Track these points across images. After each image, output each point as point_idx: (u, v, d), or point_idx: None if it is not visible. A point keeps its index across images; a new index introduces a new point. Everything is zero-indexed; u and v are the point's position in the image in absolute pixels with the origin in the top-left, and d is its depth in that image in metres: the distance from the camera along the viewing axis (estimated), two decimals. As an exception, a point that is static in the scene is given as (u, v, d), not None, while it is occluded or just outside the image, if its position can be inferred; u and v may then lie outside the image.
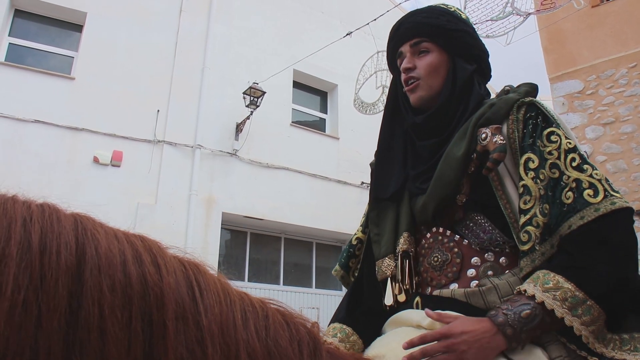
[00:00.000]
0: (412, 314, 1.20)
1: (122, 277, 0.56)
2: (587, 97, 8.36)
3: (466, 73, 1.34)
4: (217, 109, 8.70)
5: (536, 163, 1.17)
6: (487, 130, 1.20)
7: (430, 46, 1.36)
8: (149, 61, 8.28)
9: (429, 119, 1.34)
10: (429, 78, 1.34)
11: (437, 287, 1.26)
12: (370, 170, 1.56)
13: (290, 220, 8.83)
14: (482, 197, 1.24)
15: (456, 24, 1.37)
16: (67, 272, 0.53)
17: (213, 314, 0.62)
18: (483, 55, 1.40)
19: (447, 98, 1.32)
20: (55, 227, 0.56)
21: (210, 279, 0.67)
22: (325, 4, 10.87)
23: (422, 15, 1.39)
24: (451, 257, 1.25)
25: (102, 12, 8.17)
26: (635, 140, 7.84)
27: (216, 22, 9.18)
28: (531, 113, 1.23)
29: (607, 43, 8.41)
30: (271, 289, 8.61)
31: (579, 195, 1.10)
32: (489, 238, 1.22)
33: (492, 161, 1.17)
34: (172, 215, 7.74)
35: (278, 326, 0.71)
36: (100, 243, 0.58)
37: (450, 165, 1.25)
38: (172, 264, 0.64)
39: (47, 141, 7.12)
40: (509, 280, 1.17)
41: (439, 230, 1.30)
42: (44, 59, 7.95)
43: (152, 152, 7.94)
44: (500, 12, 5.42)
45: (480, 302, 1.16)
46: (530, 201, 1.13)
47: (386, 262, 1.36)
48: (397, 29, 1.42)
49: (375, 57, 7.63)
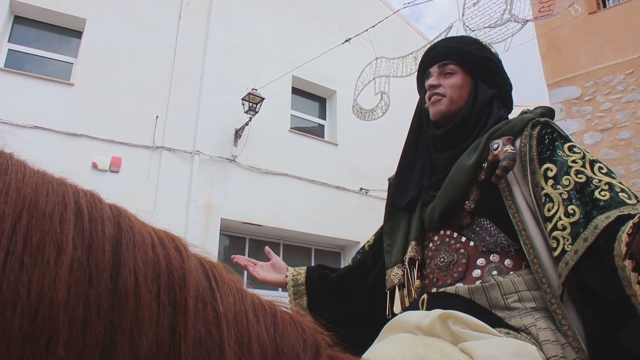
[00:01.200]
0: (409, 316, 1.20)
1: (152, 254, 0.62)
2: (585, 103, 8.40)
3: (486, 95, 1.44)
4: (216, 114, 8.71)
5: (554, 171, 1.20)
6: (499, 141, 1.27)
7: (456, 69, 1.47)
8: (147, 67, 8.30)
9: (448, 132, 1.44)
10: (452, 95, 1.45)
11: (443, 286, 1.30)
12: (388, 185, 1.65)
13: (289, 226, 8.82)
14: (490, 204, 1.29)
15: (482, 52, 1.49)
16: (110, 241, 0.59)
17: (228, 303, 0.66)
18: (505, 85, 1.50)
19: (466, 115, 1.42)
20: (98, 204, 0.64)
21: (225, 274, 0.72)
22: (324, 11, 10.92)
23: (454, 42, 1.55)
24: (457, 258, 1.30)
25: (101, 18, 8.19)
26: (633, 147, 7.87)
27: (215, 28, 9.21)
28: (547, 130, 1.29)
29: (605, 50, 8.45)
30: (270, 295, 8.50)
31: (615, 194, 1.10)
32: (494, 241, 1.26)
33: (501, 169, 1.21)
34: (170, 221, 7.71)
35: (287, 324, 0.74)
36: (133, 224, 0.65)
37: (460, 171, 1.32)
38: (191, 254, 0.69)
39: (46, 147, 7.12)
40: (513, 279, 1.20)
41: (446, 233, 1.35)
42: (43, 65, 7.96)
43: (151, 157, 7.94)
44: (498, 19, 5.45)
45: (483, 298, 1.19)
46: (554, 207, 1.16)
47: (394, 270, 1.44)
48: (430, 52, 1.56)
49: (373, 64, 7.65)
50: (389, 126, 9.11)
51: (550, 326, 1.12)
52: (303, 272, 1.70)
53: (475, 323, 1.03)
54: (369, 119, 7.74)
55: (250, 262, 1.75)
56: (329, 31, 10.38)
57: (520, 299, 1.18)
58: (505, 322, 1.15)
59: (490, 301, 1.18)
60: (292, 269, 1.72)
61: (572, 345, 1.09)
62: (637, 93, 8.03)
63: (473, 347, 0.96)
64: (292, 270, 1.72)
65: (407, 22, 12.11)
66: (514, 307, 1.17)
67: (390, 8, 10.84)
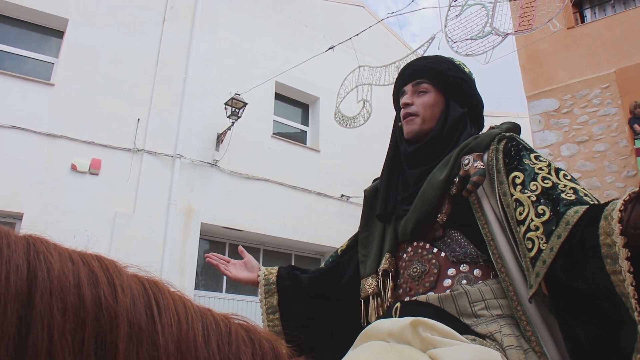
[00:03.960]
0: (382, 324, 1.21)
1: (75, 300, 0.56)
2: (562, 115, 8.58)
3: (457, 113, 1.49)
4: (198, 119, 8.68)
5: (522, 178, 1.26)
6: (469, 157, 1.33)
7: (429, 87, 1.53)
8: (130, 69, 8.23)
9: (419, 149, 1.49)
10: (424, 114, 1.50)
11: (415, 295, 1.34)
12: (364, 197, 1.71)
13: (270, 231, 8.80)
14: (461, 217, 1.34)
15: (455, 72, 1.54)
16: (16, 298, 0.52)
17: (170, 333, 0.62)
18: (477, 104, 1.56)
19: (437, 133, 1.47)
20: (4, 252, 0.55)
21: (169, 297, 0.67)
22: (309, 18, 10.97)
23: (427, 61, 1.60)
24: (429, 268, 1.34)
25: (83, 19, 8.11)
26: (608, 159, 8.06)
27: (199, 32, 9.19)
28: (512, 143, 1.35)
29: (582, 64, 8.66)
30: (249, 300, 8.55)
31: (580, 197, 1.16)
32: (464, 252, 1.32)
33: (472, 184, 1.28)
34: (150, 225, 7.66)
35: (240, 342, 0.71)
36: (52, 266, 0.57)
37: (432, 186, 1.38)
38: (128, 284, 0.63)
39: (25, 147, 7.01)
40: (481, 288, 1.25)
41: (419, 244, 1.40)
42: (23, 64, 7.86)
43: (132, 160, 7.87)
44: (479, 31, 5.55)
45: (452, 306, 1.24)
46: (525, 210, 1.20)
47: (369, 281, 1.50)
48: (405, 70, 1.61)
49: (356, 72, 7.71)
50: (370, 134, 9.18)
51: (515, 332, 1.16)
52: (274, 272, 1.74)
53: (444, 330, 1.05)
54: (351, 126, 7.79)
55: (222, 260, 1.82)
56: (313, 38, 10.43)
57: (486, 306, 1.22)
58: (472, 329, 1.20)
59: (459, 309, 1.23)
60: (264, 268, 1.77)
61: (534, 350, 1.13)
62: (613, 107, 8.24)
63: (441, 353, 0.98)
64: (264, 270, 1.77)
65: (391, 31, 12.23)
66: (480, 314, 1.22)
67: (374, 17, 10.95)
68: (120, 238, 7.28)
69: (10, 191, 6.73)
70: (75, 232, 6.90)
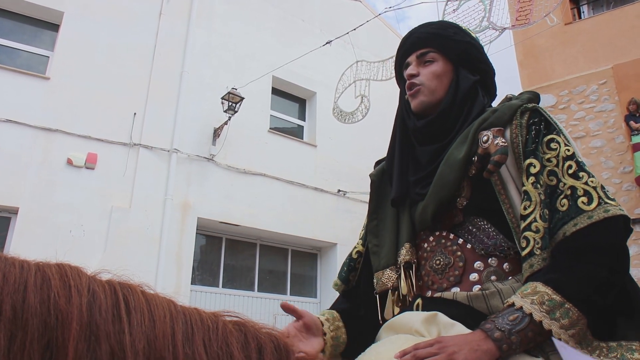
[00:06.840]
0: (409, 317, 1.17)
1: (11, 303, 0.57)
2: (559, 111, 8.58)
3: (469, 82, 1.36)
4: (195, 113, 8.65)
5: (537, 168, 1.17)
6: (488, 132, 1.20)
7: (436, 56, 1.39)
8: (126, 63, 8.19)
9: (430, 123, 1.36)
10: (431, 84, 1.37)
11: (439, 290, 1.25)
12: (370, 182, 1.55)
13: (266, 226, 8.80)
14: (483, 201, 1.24)
15: (462, 37, 1.41)
16: None
17: (140, 332, 0.64)
18: (488, 70, 1.43)
19: (448, 104, 1.34)
20: None
21: (142, 298, 0.69)
22: (306, 12, 10.93)
23: (431, 27, 1.44)
24: (454, 261, 1.24)
25: (79, 12, 8.06)
26: (604, 155, 8.08)
27: (196, 26, 9.14)
28: (534, 119, 1.23)
29: (579, 60, 8.66)
30: (245, 295, 8.56)
31: (574, 202, 1.11)
32: (493, 243, 1.22)
33: (493, 163, 1.16)
34: (146, 220, 7.65)
35: (229, 335, 0.72)
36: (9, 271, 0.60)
37: (450, 166, 1.26)
38: (88, 287, 0.65)
39: (20, 142, 6.98)
40: (513, 286, 1.16)
41: (442, 234, 1.29)
42: (19, 58, 7.81)
43: (128, 155, 7.84)
44: (476, 25, 5.54)
45: (483, 305, 1.15)
46: (530, 206, 1.13)
47: (387, 273, 1.36)
48: (407, 39, 1.46)
49: (354, 67, 7.70)
50: (368, 129, 9.18)
51: None
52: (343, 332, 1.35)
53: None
54: (349, 121, 7.78)
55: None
56: (310, 33, 10.40)
57: None
58: None
59: (491, 308, 1.14)
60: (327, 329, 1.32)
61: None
62: (609, 103, 8.25)
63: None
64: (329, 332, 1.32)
65: (389, 26, 12.19)
66: None
67: (372, 11, 10.91)
68: (116, 233, 7.26)
69: (6, 185, 6.70)
70: (71, 227, 6.88)
